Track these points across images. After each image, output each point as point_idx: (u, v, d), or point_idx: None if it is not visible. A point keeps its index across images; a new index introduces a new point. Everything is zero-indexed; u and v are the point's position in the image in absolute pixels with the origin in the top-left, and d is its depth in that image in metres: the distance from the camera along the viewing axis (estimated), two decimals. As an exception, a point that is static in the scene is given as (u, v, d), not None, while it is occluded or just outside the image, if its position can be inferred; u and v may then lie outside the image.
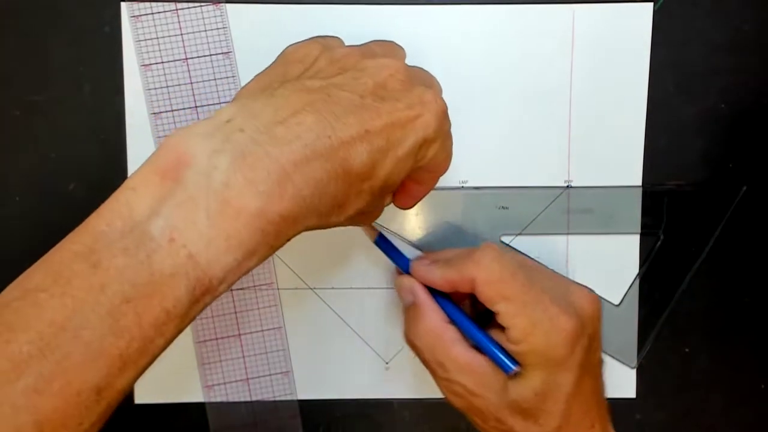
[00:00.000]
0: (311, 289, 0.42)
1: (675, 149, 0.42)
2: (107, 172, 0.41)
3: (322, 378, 0.42)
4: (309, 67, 0.32)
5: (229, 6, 0.40)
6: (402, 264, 0.39)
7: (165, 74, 0.40)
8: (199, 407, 0.42)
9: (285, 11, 0.40)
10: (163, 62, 0.40)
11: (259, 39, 0.40)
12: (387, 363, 0.42)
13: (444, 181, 0.39)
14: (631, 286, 0.42)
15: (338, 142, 0.28)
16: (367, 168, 0.29)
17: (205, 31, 0.40)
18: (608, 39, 0.41)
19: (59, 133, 0.41)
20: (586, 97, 0.41)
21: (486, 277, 0.34)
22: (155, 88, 0.40)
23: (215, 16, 0.40)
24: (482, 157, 0.42)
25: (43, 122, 0.41)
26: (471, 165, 0.42)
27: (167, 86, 0.40)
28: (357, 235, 0.41)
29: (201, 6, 0.40)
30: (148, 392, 0.42)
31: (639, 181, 0.42)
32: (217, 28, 0.40)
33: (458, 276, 0.35)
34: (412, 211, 0.42)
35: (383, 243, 0.39)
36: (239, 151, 0.27)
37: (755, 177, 0.42)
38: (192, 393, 0.42)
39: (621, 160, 0.42)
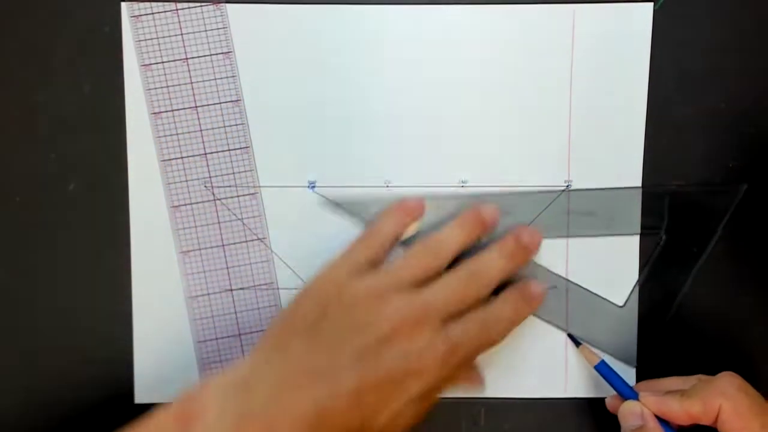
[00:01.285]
0: None
1: (675, 149, 0.42)
2: (107, 172, 0.41)
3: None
4: (320, 316, 0.35)
5: (229, 6, 0.40)
6: (625, 391, 0.39)
7: (165, 74, 0.40)
8: (199, 407, 0.42)
9: (285, 11, 0.40)
10: (163, 62, 0.40)
11: (259, 39, 0.40)
12: None
13: (444, 180, 0.39)
14: (634, 287, 0.42)
15: (334, 409, 0.32)
16: (359, 425, 0.33)
17: (206, 31, 0.40)
18: (608, 39, 0.41)
19: (59, 133, 0.41)
20: (586, 96, 0.41)
21: (734, 408, 0.35)
22: (155, 88, 0.40)
23: (215, 16, 0.40)
24: (482, 156, 0.42)
25: (43, 122, 0.41)
26: (471, 165, 0.42)
27: (167, 86, 0.40)
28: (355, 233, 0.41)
29: (201, 6, 0.40)
30: (148, 392, 0.42)
31: (639, 182, 0.42)
32: (218, 28, 0.40)
33: (701, 407, 0.36)
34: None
35: (605, 369, 0.40)
36: (243, 412, 0.31)
37: (756, 176, 0.42)
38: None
39: (621, 161, 0.42)
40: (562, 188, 0.42)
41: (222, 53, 0.40)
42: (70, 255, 0.41)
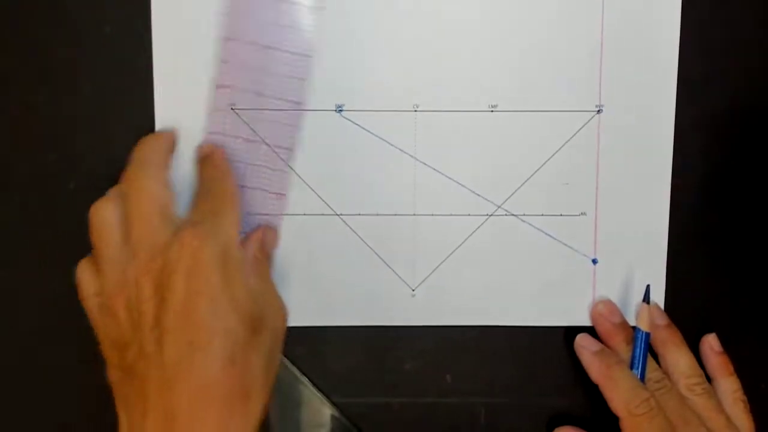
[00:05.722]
0: (338, 215, 0.41)
1: (675, 149, 0.41)
2: (107, 171, 0.41)
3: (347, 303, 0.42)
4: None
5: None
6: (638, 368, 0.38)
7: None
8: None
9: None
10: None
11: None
12: (413, 290, 0.42)
13: (473, 105, 0.40)
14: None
15: None
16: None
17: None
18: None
19: (59, 133, 0.41)
20: (619, 19, 0.40)
21: None
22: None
23: None
24: (512, 80, 0.41)
25: (43, 122, 0.41)
26: (501, 89, 0.41)
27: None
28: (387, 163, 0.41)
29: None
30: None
31: (672, 108, 0.41)
32: None
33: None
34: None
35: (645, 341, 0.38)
36: None
37: (756, 176, 0.42)
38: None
39: (654, 85, 0.41)
40: (593, 112, 0.41)
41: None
42: (71, 255, 0.41)
